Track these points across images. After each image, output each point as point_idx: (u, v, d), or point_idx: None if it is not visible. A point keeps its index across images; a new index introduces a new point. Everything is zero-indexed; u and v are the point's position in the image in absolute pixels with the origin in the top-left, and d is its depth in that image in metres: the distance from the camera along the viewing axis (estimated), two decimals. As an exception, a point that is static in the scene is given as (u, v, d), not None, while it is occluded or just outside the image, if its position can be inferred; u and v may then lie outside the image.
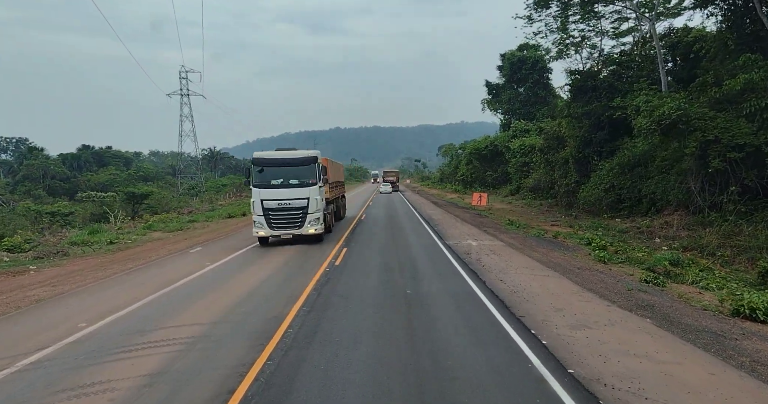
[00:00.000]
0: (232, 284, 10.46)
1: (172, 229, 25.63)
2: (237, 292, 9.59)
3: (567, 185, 30.48)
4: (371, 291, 9.44)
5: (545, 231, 20.89)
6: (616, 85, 28.25)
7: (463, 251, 14.71)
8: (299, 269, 11.79)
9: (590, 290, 9.71)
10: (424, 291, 9.48)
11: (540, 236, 19.55)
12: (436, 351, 6.19)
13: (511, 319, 7.60)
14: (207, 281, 10.90)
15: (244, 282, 10.53)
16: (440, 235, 19.04)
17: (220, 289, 10.03)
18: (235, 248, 16.26)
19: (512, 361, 5.87)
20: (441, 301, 8.73)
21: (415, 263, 12.64)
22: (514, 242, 17.24)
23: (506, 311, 8.07)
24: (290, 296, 8.97)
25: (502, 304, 8.52)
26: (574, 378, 5.39)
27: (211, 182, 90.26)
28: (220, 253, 15.05)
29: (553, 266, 12.58)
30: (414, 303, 8.60)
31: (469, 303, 8.68)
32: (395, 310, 8.13)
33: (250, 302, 8.82)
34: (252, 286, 10.12)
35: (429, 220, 25.75)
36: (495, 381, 5.29)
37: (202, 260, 13.64)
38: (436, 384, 5.18)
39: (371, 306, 8.34)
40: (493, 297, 9.00)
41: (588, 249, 16.36)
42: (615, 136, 28.73)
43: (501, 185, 53.20)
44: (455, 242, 16.83)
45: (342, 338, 6.71)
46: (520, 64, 57.56)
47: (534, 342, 6.50)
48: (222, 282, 10.71)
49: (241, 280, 10.82)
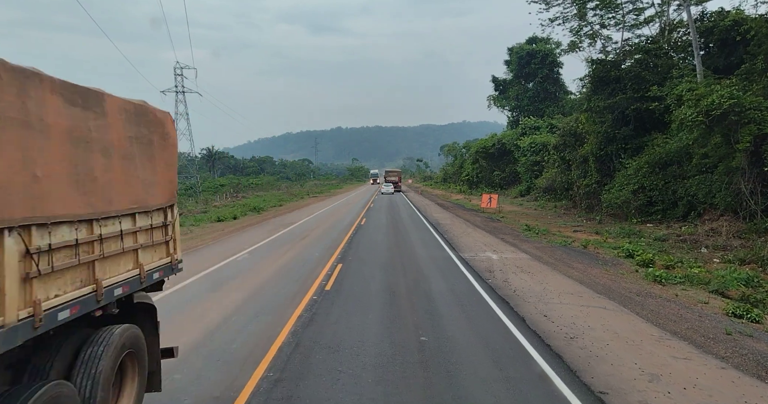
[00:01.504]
0: (185, 323, 7.71)
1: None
2: (185, 342, 6.75)
3: (587, 186, 27.74)
4: (371, 338, 6.73)
5: (571, 239, 18.17)
6: (643, 75, 25.49)
7: (485, 268, 12.01)
8: (275, 299, 9.08)
9: (675, 333, 7.00)
10: (446, 337, 6.78)
11: (567, 246, 16.84)
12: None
13: (589, 398, 4.89)
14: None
15: (197, 324, 7.51)
16: (452, 245, 16.33)
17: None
18: (207, 262, 13.57)
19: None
20: (472, 358, 6.03)
21: (427, 288, 9.93)
22: (542, 255, 14.54)
23: (575, 379, 5.36)
24: (253, 351, 6.20)
25: (562, 362, 5.82)
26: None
27: (209, 182, 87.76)
28: (186, 270, 12.35)
29: (603, 290, 9.88)
30: (433, 361, 5.88)
31: (514, 361, 5.97)
32: (407, 376, 5.43)
33: (189, 366, 5.74)
34: (206, 329, 7.21)
35: (436, 225, 23.06)
36: None
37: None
38: None
39: (372, 369, 5.62)
40: (545, 350, 6.28)
41: (631, 264, 13.66)
42: (642, 131, 26.00)
43: (509, 185, 50.48)
44: (472, 255, 14.13)
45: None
46: (529, 58, 54.82)
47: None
48: (170, 321, 8.01)
49: (192, 319, 7.79)
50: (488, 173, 54.13)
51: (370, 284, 10.21)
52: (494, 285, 10.14)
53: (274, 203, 46.10)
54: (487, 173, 54.26)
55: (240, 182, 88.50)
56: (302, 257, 14.08)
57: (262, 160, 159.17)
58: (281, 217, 30.75)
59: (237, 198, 57.77)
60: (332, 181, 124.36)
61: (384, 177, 75.41)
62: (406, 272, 11.66)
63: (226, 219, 30.15)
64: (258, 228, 24.02)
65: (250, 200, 49.79)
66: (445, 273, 11.48)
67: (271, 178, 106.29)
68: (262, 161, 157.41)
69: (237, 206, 40.79)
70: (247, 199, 54.24)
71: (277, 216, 31.70)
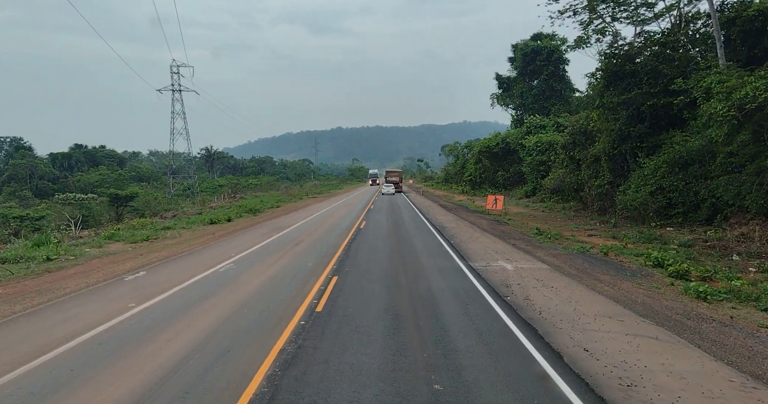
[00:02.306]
0: (123, 370, 6.07)
1: (138, 239, 21.48)
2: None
3: (599, 187, 26.21)
4: (370, 387, 5.22)
5: (589, 245, 16.65)
6: (661, 69, 23.95)
7: (500, 282, 10.51)
8: (254, 325, 7.56)
9: (757, 378, 5.49)
10: (466, 385, 5.27)
11: (585, 253, 15.33)
12: None
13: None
14: (97, 356, 6.52)
15: (141, 369, 5.81)
16: (460, 252, 14.82)
17: (106, 378, 5.75)
18: (185, 274, 12.07)
19: None
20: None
21: (437, 309, 8.42)
22: (561, 265, 13.02)
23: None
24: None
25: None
26: None
27: (207, 183, 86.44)
28: (160, 284, 10.84)
29: (644, 310, 8.37)
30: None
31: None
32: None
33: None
34: (149, 380, 5.48)
35: (441, 229, 21.56)
36: None
37: (126, 300, 9.42)
38: None
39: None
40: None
41: (662, 275, 12.15)
42: (658, 129, 24.47)
43: (514, 186, 48.96)
44: (483, 265, 12.62)
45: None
46: (534, 55, 53.30)
47: None
48: (128, 352, 6.51)
49: (138, 361, 6.09)
50: (492, 174, 52.59)
51: (368, 304, 8.69)
52: (515, 304, 8.62)
53: (272, 204, 44.65)
54: (491, 173, 52.72)
55: (239, 182, 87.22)
56: (293, 267, 12.58)
57: (262, 160, 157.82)
58: (277, 219, 29.26)
59: (235, 199, 56.35)
60: (332, 181, 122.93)
61: (384, 177, 73.71)
62: (411, 287, 10.15)
63: (220, 221, 28.71)
64: (251, 232, 22.53)
65: (247, 201, 48.40)
66: (456, 289, 9.96)
67: (270, 178, 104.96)
68: (261, 161, 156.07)
69: (233, 208, 39.37)
70: (244, 200, 52.87)
71: (273, 218, 30.21)
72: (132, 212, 48.28)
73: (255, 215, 34.30)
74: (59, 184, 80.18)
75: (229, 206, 42.82)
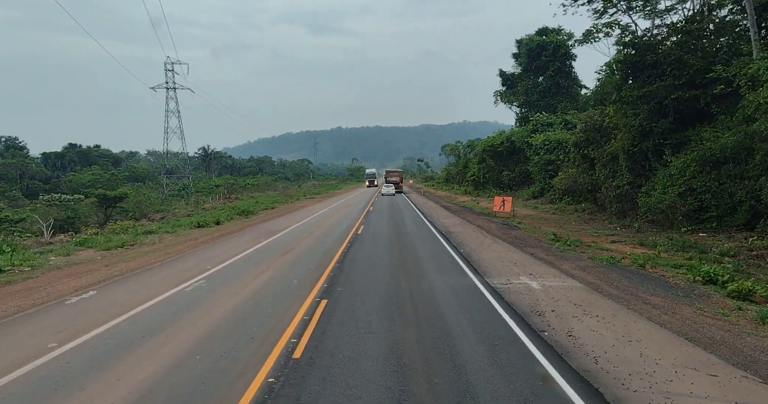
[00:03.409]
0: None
1: (112, 246, 19.38)
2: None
3: (618, 188, 24.10)
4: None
5: (620, 255, 14.54)
6: (686, 59, 21.85)
7: (529, 308, 8.42)
8: (205, 385, 5.44)
9: None
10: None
11: (616, 265, 13.23)
12: None
13: None
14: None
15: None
16: (473, 264, 12.72)
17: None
18: (144, 294, 9.96)
19: None
20: None
21: (456, 357, 6.29)
22: (596, 281, 10.93)
23: None
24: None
25: None
26: None
27: (204, 183, 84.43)
28: (104, 310, 8.72)
29: (732, 355, 6.28)
30: None
31: None
32: None
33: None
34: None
35: (447, 234, 19.46)
36: None
37: (48, 336, 7.30)
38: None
39: None
40: None
41: (719, 294, 10.06)
42: (683, 124, 22.38)
43: (519, 186, 46.85)
44: (504, 283, 10.52)
45: None
46: (540, 50, 51.18)
47: None
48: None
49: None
50: (496, 173, 50.46)
51: (365, 345, 6.59)
52: (557, 345, 6.53)
53: (267, 206, 42.60)
54: (495, 173, 50.59)
55: (236, 182, 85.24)
56: (275, 285, 10.48)
57: (261, 160, 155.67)
58: (269, 222, 27.16)
59: (230, 199, 54.32)
60: (331, 181, 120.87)
61: (384, 177, 71.40)
62: (419, 318, 8.04)
63: (208, 225, 26.63)
64: (237, 237, 20.44)
65: (241, 202, 46.37)
66: (477, 322, 7.85)
67: (268, 178, 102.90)
68: (260, 160, 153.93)
69: (225, 209, 37.33)
70: (239, 201, 50.86)
71: (265, 221, 28.12)
72: (121, 214, 46.29)
73: (247, 217, 32.22)
74: (51, 184, 78.21)
75: (222, 208, 40.78)
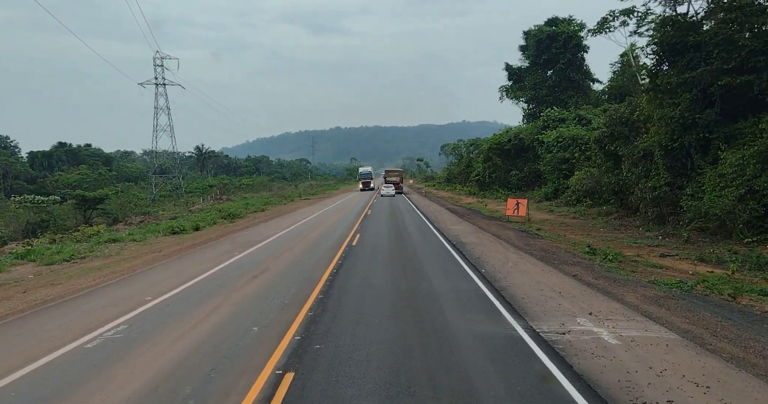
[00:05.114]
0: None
1: (58, 259, 16.12)
2: None
3: (654, 189, 20.83)
4: None
5: (694, 280, 11.26)
6: (737, 39, 18.62)
7: (623, 390, 5.14)
8: None
9: None
10: None
11: (690, 292, 9.98)
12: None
13: None
14: None
15: None
16: (505, 296, 9.43)
17: None
18: (16, 358, 6.68)
19: None
20: None
21: None
22: (689, 326, 7.65)
23: None
24: None
25: None
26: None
27: (197, 183, 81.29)
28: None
29: None
30: None
31: None
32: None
33: None
34: None
35: (460, 246, 16.17)
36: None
37: None
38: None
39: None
40: None
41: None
42: (733, 114, 19.16)
43: (528, 186, 43.59)
44: (559, 331, 7.24)
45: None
46: (549, 41, 47.84)
47: None
48: None
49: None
50: (503, 173, 47.15)
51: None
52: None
53: (257, 208, 39.33)
54: (502, 172, 47.28)
55: (231, 182, 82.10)
56: (223, 337, 7.18)
57: (258, 159, 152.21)
58: (253, 229, 23.88)
59: (221, 200, 51.11)
60: (329, 181, 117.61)
61: (384, 177, 67.85)
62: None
63: (184, 231, 23.38)
64: (209, 249, 17.17)
65: (231, 204, 43.13)
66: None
67: (265, 178, 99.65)
68: (257, 160, 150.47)
69: (212, 212, 34.06)
70: (231, 202, 47.64)
71: (250, 227, 24.84)
72: (102, 216, 43.11)
73: (232, 221, 28.94)
74: (37, 184, 74.90)
75: (209, 210, 37.54)
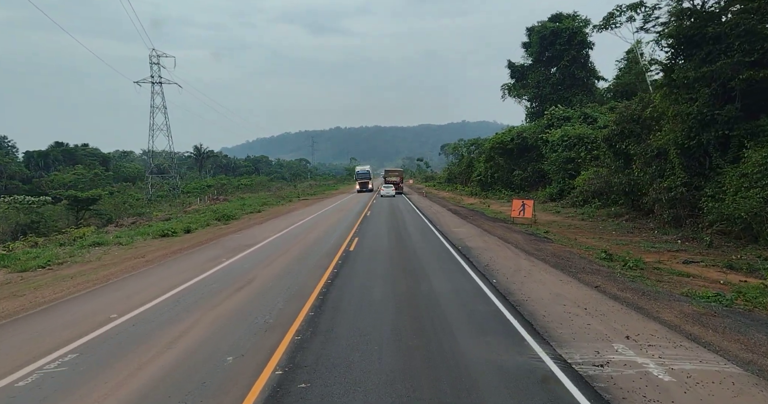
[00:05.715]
0: None
1: (34, 264, 14.97)
2: None
3: (670, 190, 19.66)
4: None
5: (733, 293, 10.09)
6: (760, 29, 17.48)
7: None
8: None
9: None
10: None
11: (729, 307, 8.81)
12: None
13: None
14: None
15: None
16: (524, 314, 8.25)
17: None
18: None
19: None
20: None
21: None
22: (747, 355, 6.47)
23: None
24: None
25: None
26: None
27: (195, 183, 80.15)
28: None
29: None
30: None
31: None
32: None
33: None
34: None
35: (466, 251, 14.98)
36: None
37: None
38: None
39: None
40: None
41: None
42: (755, 110, 18.01)
43: (532, 187, 42.40)
44: (595, 363, 6.06)
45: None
46: (553, 37, 46.68)
47: None
48: None
49: None
50: (506, 173, 45.96)
51: None
52: None
53: (254, 209, 38.17)
54: (505, 172, 46.08)
55: (229, 182, 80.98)
56: (189, 371, 6.00)
57: (257, 159, 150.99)
58: (246, 232, 22.70)
59: (218, 201, 49.95)
60: (329, 181, 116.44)
61: (383, 177, 66.61)
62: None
63: (175, 234, 22.20)
64: (196, 254, 15.99)
65: (227, 205, 42.00)
66: None
67: (264, 178, 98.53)
68: (257, 160, 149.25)
69: (207, 213, 32.88)
70: (227, 202, 46.48)
71: (243, 229, 23.66)
72: (95, 217, 41.98)
73: (226, 223, 27.76)
74: (32, 184, 73.73)
75: (203, 211, 36.35)
